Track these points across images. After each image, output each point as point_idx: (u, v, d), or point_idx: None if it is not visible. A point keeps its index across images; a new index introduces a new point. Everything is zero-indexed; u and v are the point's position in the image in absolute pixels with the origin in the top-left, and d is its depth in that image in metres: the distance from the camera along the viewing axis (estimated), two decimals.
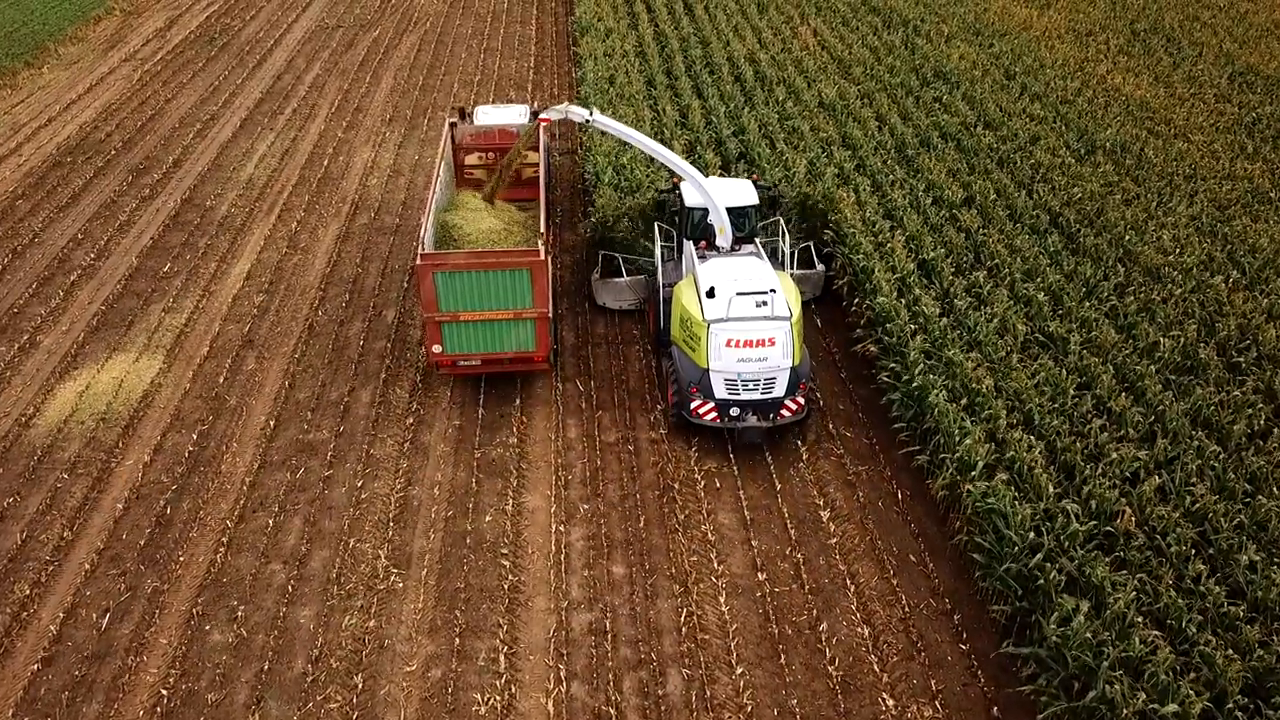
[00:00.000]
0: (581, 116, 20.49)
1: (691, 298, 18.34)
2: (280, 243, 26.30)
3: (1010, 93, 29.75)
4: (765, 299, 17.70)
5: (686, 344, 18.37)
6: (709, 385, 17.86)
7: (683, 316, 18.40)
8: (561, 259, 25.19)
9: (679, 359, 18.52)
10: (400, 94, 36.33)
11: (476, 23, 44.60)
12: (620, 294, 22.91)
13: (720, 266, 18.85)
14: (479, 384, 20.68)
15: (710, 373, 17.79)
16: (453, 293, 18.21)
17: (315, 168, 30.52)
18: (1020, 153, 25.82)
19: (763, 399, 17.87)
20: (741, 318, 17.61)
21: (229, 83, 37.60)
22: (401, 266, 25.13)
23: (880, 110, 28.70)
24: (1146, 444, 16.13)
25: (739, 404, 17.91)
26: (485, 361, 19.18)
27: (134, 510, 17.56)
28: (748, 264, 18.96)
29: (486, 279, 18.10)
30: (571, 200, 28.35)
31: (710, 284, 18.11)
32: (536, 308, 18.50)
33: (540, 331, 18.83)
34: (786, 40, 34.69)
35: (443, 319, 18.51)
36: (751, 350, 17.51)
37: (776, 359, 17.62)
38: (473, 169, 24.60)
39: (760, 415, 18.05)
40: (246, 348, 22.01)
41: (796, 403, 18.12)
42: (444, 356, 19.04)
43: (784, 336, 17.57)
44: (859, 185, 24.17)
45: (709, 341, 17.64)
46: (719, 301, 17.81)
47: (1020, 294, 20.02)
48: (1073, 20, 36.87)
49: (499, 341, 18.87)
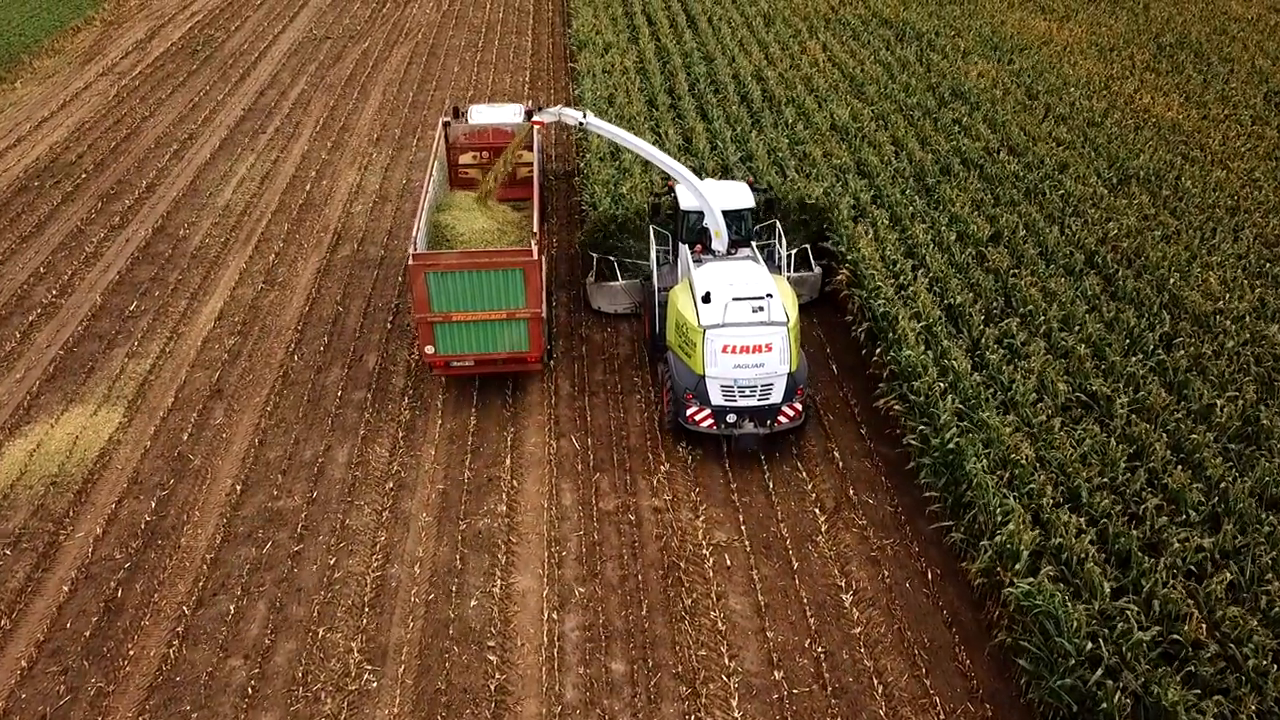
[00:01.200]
0: (575, 120, 20.19)
1: (687, 303, 17.99)
2: (256, 277, 24.56)
3: (1034, 114, 28.02)
4: (762, 304, 17.34)
5: (682, 350, 18.00)
6: (705, 392, 17.53)
7: (678, 322, 18.03)
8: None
9: (674, 365, 18.16)
10: (389, 111, 34.61)
11: (470, 34, 42.87)
12: (615, 298, 22.45)
13: (716, 271, 18.44)
14: (465, 441, 18.96)
15: (706, 379, 17.48)
16: (445, 293, 18.01)
17: (297, 193, 28.80)
18: (1048, 182, 24.09)
19: (760, 405, 17.55)
20: (738, 323, 17.25)
21: (210, 98, 35.86)
22: (385, 304, 23.41)
23: (896, 133, 26.99)
24: (1209, 528, 14.41)
25: (735, 411, 17.59)
26: (479, 362, 19.01)
27: (82, 593, 15.83)
28: (744, 268, 18.54)
29: (479, 279, 17.94)
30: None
31: (706, 289, 17.78)
32: (530, 308, 18.30)
33: (534, 332, 18.66)
34: (795, 56, 32.95)
35: (435, 320, 18.28)
36: (748, 356, 17.21)
37: (773, 365, 17.28)
38: (467, 168, 24.45)
39: (757, 422, 17.71)
40: (215, 398, 20.28)
41: (794, 409, 17.79)
42: (437, 357, 18.83)
43: (781, 342, 17.23)
44: (876, 219, 22.45)
45: (705, 347, 17.30)
46: (715, 307, 17.44)
47: (1058, 345, 18.29)
48: (1094, 34, 35.15)
49: (492, 342, 18.70)
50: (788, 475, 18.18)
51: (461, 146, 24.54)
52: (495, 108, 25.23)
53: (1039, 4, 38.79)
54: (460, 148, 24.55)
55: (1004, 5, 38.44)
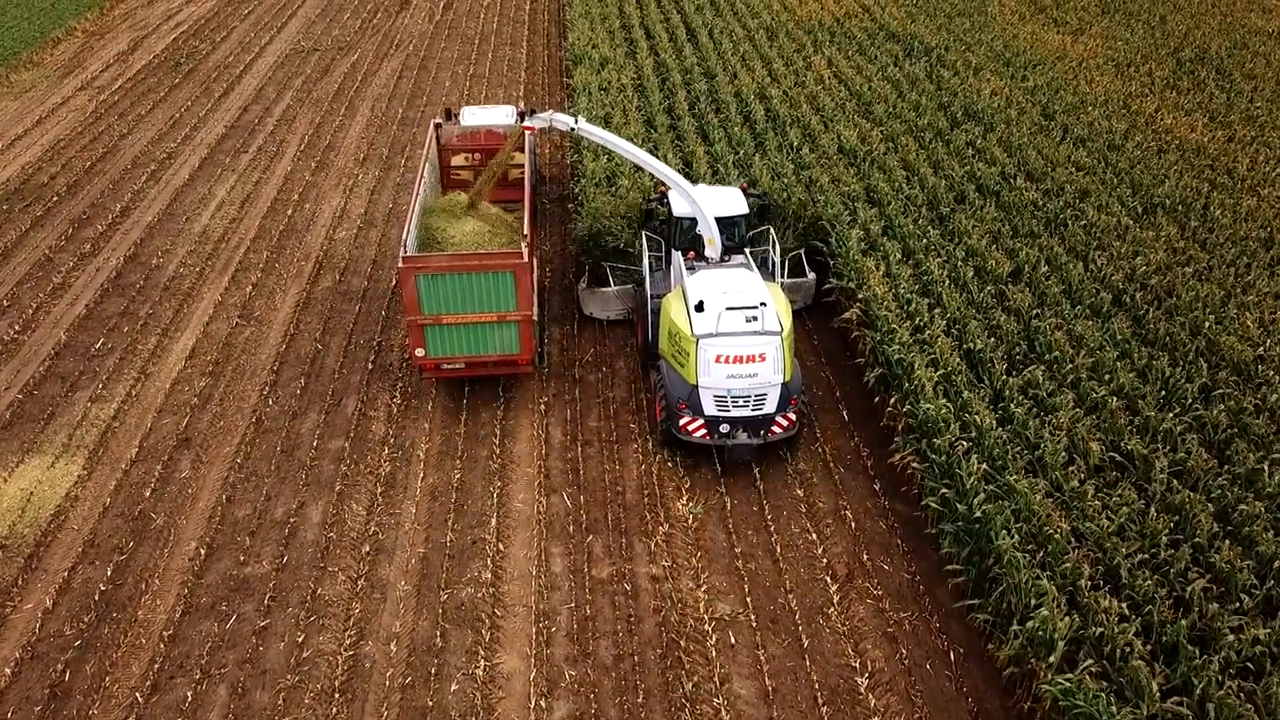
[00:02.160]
0: (567, 125, 20.08)
1: (680, 311, 17.73)
2: (232, 311, 23.22)
3: (1051, 136, 26.69)
4: (755, 313, 17.09)
5: (675, 359, 17.73)
6: (698, 402, 17.28)
7: (671, 331, 17.77)
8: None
9: (667, 374, 17.90)
10: (377, 128, 33.28)
11: (463, 46, 41.56)
12: (608, 304, 22.20)
13: (709, 279, 18.20)
14: (449, 498, 17.63)
15: (699, 389, 17.21)
16: (435, 295, 17.96)
17: (278, 217, 27.47)
18: (1069, 211, 22.77)
19: (753, 416, 17.31)
20: (731, 333, 17.02)
21: (191, 114, 34.52)
22: (366, 342, 22.07)
23: (907, 157, 25.66)
24: (1264, 615, 13.07)
25: (729, 421, 17.34)
26: (469, 364, 18.96)
27: (26, 675, 14.48)
28: (737, 276, 18.31)
29: (469, 281, 17.87)
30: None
31: (699, 297, 17.58)
32: (520, 310, 18.25)
33: (524, 334, 18.59)
34: (800, 72, 31.62)
35: (425, 322, 18.22)
36: (741, 366, 16.95)
37: (767, 375, 17.02)
38: (459, 170, 24.39)
39: (751, 432, 17.51)
40: (182, 448, 18.94)
41: (788, 419, 17.58)
42: (427, 360, 18.79)
43: (775, 352, 16.97)
44: (888, 252, 21.12)
45: (698, 357, 17.04)
46: (708, 316, 17.20)
47: (1087, 396, 16.96)
48: (1110, 47, 33.83)
49: (483, 344, 18.65)
50: (796, 537, 16.85)
51: (454, 148, 24.40)
52: (487, 109, 25.02)
53: (1051, 17, 37.49)
54: (452, 149, 24.40)
55: (1015, 18, 37.14)
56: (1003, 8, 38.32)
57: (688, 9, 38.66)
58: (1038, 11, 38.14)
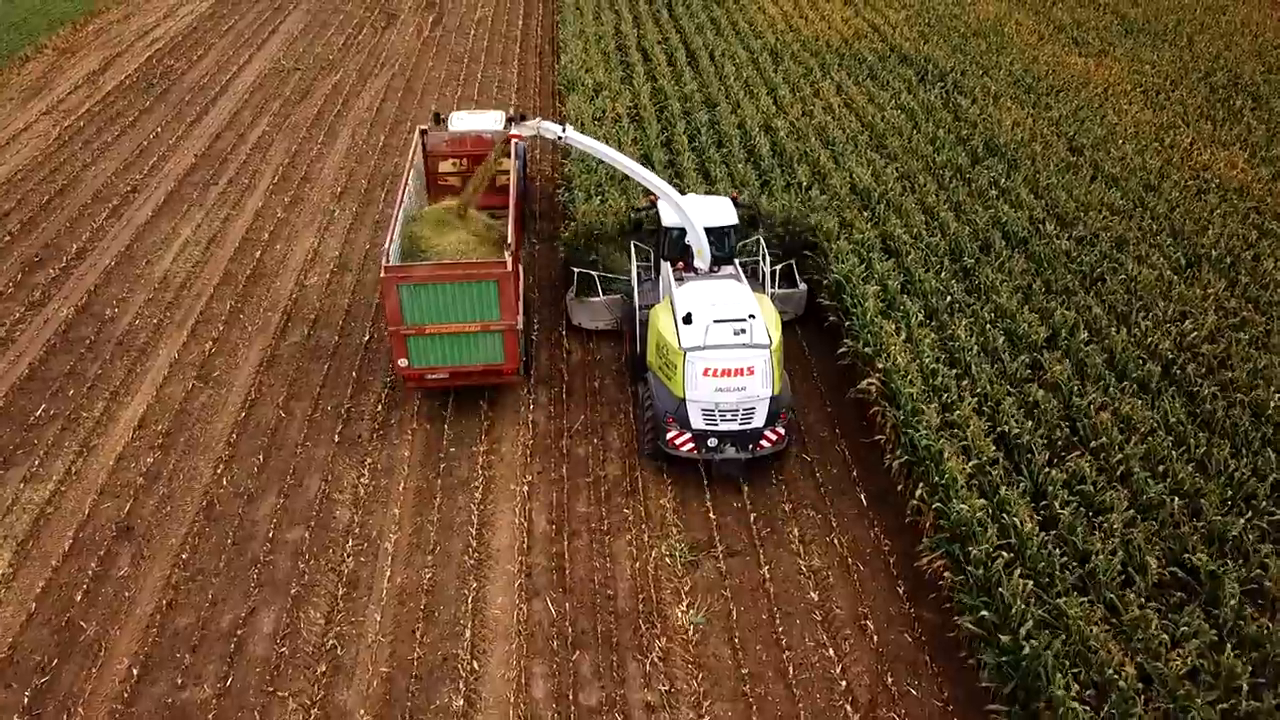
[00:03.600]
0: (553, 134, 19.68)
1: (668, 323, 17.45)
2: (189, 371, 21.21)
3: (1080, 175, 24.70)
4: (744, 326, 16.77)
5: (662, 371, 17.43)
6: (685, 415, 16.98)
7: (658, 343, 17.49)
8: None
9: (655, 387, 17.58)
10: (356, 158, 31.26)
11: (452, 65, 39.53)
12: (596, 314, 21.76)
13: (698, 290, 17.99)
14: (419, 601, 15.61)
15: (687, 402, 16.91)
16: (418, 305, 17.78)
17: (246, 259, 25.45)
18: (1107, 263, 20.77)
19: (741, 430, 17.01)
20: (719, 345, 16.70)
21: (160, 142, 32.49)
22: (335, 408, 20.06)
23: (925, 198, 23.66)
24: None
25: (717, 435, 17.03)
26: (453, 374, 18.73)
27: None
28: (726, 288, 18.11)
29: (452, 291, 17.72)
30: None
31: (687, 309, 17.37)
32: (504, 320, 18.09)
33: (509, 344, 18.39)
34: (807, 100, 29.59)
35: (408, 332, 18.00)
36: (729, 379, 16.65)
37: (755, 388, 16.72)
38: (447, 176, 24.03)
39: (739, 446, 17.21)
40: (122, 540, 16.92)
41: (776, 433, 17.23)
42: (410, 370, 18.55)
43: (763, 365, 16.67)
44: (909, 312, 19.14)
45: (685, 370, 16.75)
46: (696, 328, 16.94)
47: (1141, 493, 14.96)
48: (1136, 72, 31.83)
49: (467, 354, 18.42)
50: (811, 653, 14.84)
51: (441, 154, 24.02)
52: (476, 115, 24.83)
53: (1071, 37, 35.50)
54: (440, 155, 24.02)
55: (1034, 39, 35.14)
56: (1020, 27, 36.32)
57: (687, 29, 36.62)
58: (1056, 31, 36.15)
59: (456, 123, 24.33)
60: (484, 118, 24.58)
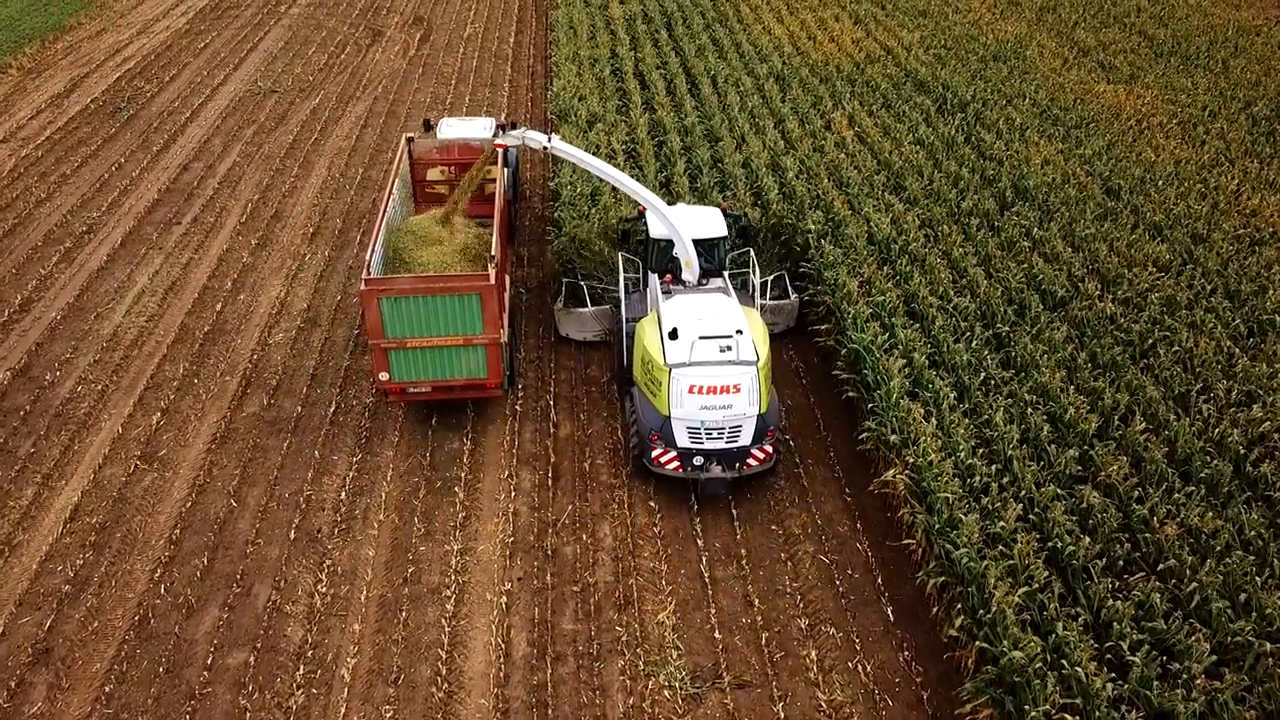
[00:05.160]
0: (539, 143, 19.59)
1: (654, 339, 17.08)
2: (132, 448, 19.01)
3: (1120, 223, 22.51)
4: (730, 343, 16.44)
5: (648, 387, 16.99)
6: (670, 433, 16.57)
7: (644, 358, 17.09)
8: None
9: (640, 403, 17.19)
10: (332, 192, 29.07)
11: (438, 86, 37.31)
12: (585, 325, 21.30)
13: (685, 304, 17.56)
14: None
15: (672, 420, 16.49)
16: (399, 318, 17.42)
17: (205, 313, 23.24)
18: (1158, 330, 18.59)
19: (727, 448, 16.59)
20: (705, 362, 16.30)
21: (123, 174, 30.29)
22: (293, 496, 17.87)
23: (950, 251, 21.49)
24: None
25: (702, 453, 16.62)
26: (435, 388, 18.38)
27: None
28: (714, 302, 17.63)
29: (434, 304, 17.35)
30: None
31: (673, 324, 16.96)
32: (487, 334, 17.74)
33: (492, 357, 18.03)
34: (818, 134, 27.37)
35: (389, 346, 17.67)
36: (715, 397, 16.20)
37: (742, 406, 16.27)
38: (435, 184, 23.65)
39: (725, 465, 16.79)
40: (38, 665, 14.72)
41: (764, 451, 16.86)
42: (392, 384, 18.22)
43: (750, 382, 16.22)
44: (939, 392, 16.95)
45: (670, 387, 16.35)
46: (681, 344, 16.54)
47: (1222, 630, 12.76)
48: (1169, 100, 29.64)
49: (449, 368, 18.06)
50: None
51: (429, 162, 23.69)
52: (465, 121, 24.54)
53: (1097, 61, 33.29)
54: (428, 163, 23.70)
55: (1058, 62, 32.93)
56: (1042, 50, 34.11)
57: (687, 51, 34.37)
58: (1081, 55, 33.94)
59: (446, 130, 24.08)
60: (474, 124, 24.30)
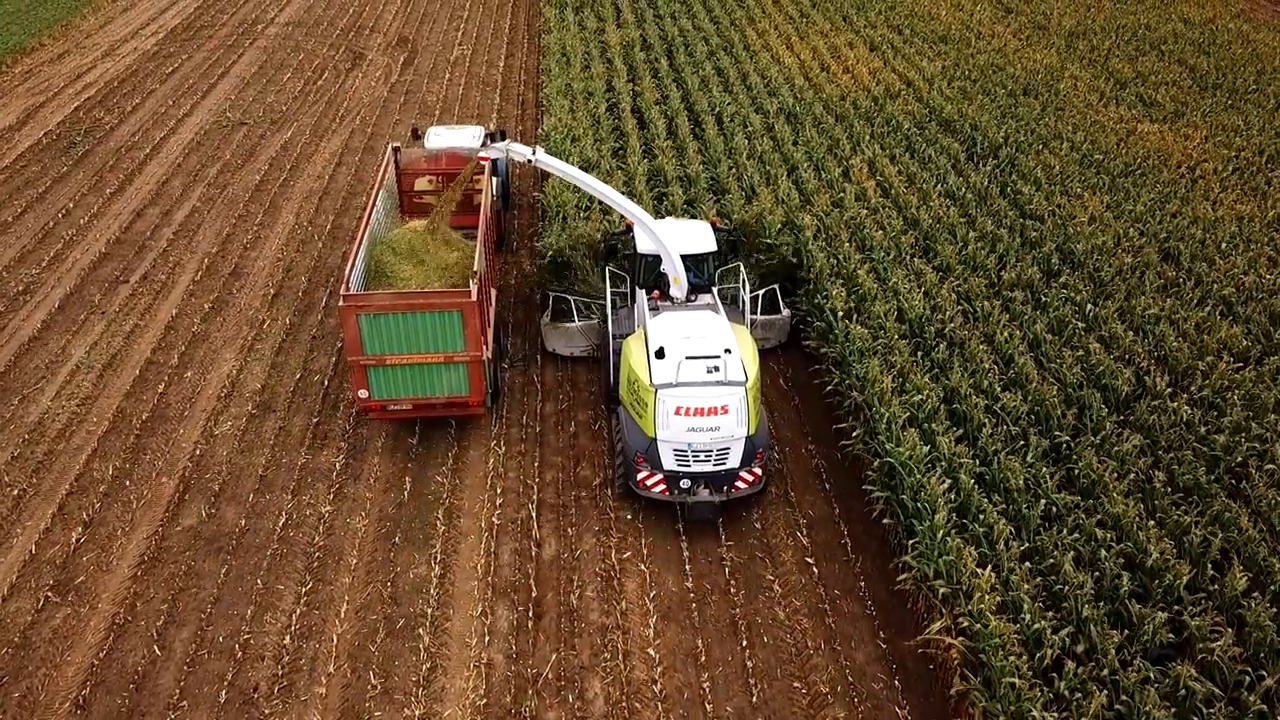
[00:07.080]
0: (523, 156, 19.28)
1: (640, 358, 16.62)
2: (44, 575, 16.29)
3: (1185, 298, 19.82)
4: (718, 363, 16.03)
5: (633, 407, 16.52)
6: (657, 455, 16.09)
7: (630, 378, 16.62)
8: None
9: (626, 424, 16.78)
10: (298, 243, 26.37)
11: (422, 117, 34.58)
12: (572, 339, 20.98)
13: (672, 322, 17.16)
14: None
15: (658, 442, 16.03)
16: (378, 335, 17.11)
17: (145, 395, 20.54)
18: (1245, 442, 15.87)
19: (715, 471, 16.10)
20: (692, 383, 15.86)
21: (70, 222, 27.58)
22: (228, 639, 15.14)
23: (994, 334, 18.78)
24: None
25: (690, 476, 16.12)
26: (416, 406, 18.05)
27: None
28: (702, 320, 17.23)
29: (414, 321, 17.02)
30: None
31: (660, 343, 16.55)
32: (469, 351, 17.38)
33: (474, 375, 17.69)
34: (836, 184, 24.65)
35: (368, 363, 17.33)
36: (703, 419, 15.74)
37: (730, 428, 15.84)
38: (422, 194, 23.21)
39: (713, 488, 16.27)
40: None
41: (753, 474, 16.39)
42: (371, 402, 17.87)
43: (738, 403, 15.80)
44: (994, 527, 14.23)
45: (656, 408, 15.85)
46: (668, 364, 16.11)
47: None
48: (1222, 143, 26.93)
49: (430, 385, 17.72)
50: None
51: (416, 171, 23.30)
52: (455, 130, 23.97)
53: (1137, 94, 30.57)
54: (415, 173, 23.29)
55: (1095, 97, 30.20)
56: (1076, 83, 31.37)
57: (689, 84, 31.56)
58: (1118, 88, 31.21)
59: (434, 139, 23.55)
60: (463, 133, 23.68)
